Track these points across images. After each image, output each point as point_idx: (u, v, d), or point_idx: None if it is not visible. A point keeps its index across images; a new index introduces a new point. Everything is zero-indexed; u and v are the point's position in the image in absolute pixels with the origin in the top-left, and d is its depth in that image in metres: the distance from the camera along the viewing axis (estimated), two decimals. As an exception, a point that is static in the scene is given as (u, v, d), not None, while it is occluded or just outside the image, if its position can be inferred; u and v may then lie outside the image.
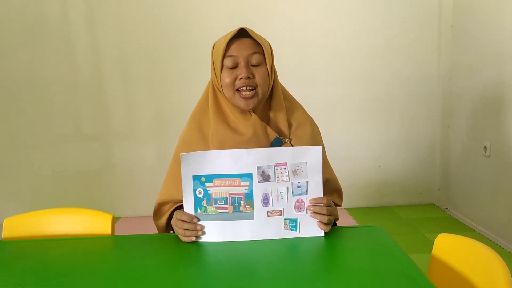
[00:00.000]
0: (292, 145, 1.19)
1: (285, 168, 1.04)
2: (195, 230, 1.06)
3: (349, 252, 1.02)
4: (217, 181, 1.04)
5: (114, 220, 1.26)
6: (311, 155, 1.04)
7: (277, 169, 1.04)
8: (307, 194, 1.05)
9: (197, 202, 1.06)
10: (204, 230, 1.07)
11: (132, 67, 3.29)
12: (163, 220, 1.22)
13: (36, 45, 3.24)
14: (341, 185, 1.32)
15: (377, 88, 3.36)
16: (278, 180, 1.04)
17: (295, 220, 1.06)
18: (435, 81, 3.34)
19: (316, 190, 1.05)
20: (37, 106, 3.31)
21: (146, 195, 3.31)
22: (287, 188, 1.05)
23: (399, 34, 3.30)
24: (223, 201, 1.05)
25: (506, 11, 2.51)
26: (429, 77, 3.34)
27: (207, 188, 1.05)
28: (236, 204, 1.05)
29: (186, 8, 3.23)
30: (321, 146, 1.05)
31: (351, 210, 3.37)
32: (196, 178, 1.05)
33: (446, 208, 3.36)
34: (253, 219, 1.06)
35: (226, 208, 1.05)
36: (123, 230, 3.05)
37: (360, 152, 3.42)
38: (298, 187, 1.05)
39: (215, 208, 1.06)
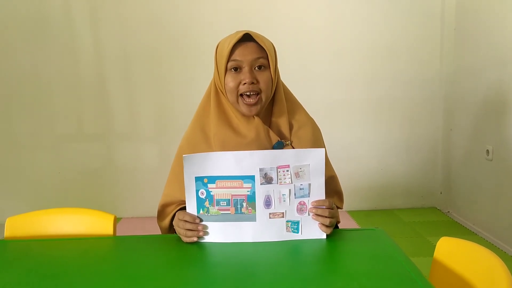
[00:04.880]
0: (293, 147, 1.19)
1: (287, 171, 1.04)
2: (197, 230, 1.06)
3: (351, 254, 1.01)
4: (220, 183, 1.04)
5: (116, 220, 1.26)
6: (313, 158, 1.04)
7: (279, 171, 1.04)
8: (309, 197, 1.05)
9: (200, 203, 1.06)
10: (206, 230, 1.07)
11: (134, 67, 3.30)
12: (166, 221, 1.22)
13: (38, 45, 3.25)
14: (342, 187, 1.32)
15: (379, 90, 3.35)
16: (281, 182, 1.04)
17: (297, 222, 1.06)
18: (437, 83, 3.34)
19: (318, 193, 1.05)
20: (39, 106, 3.31)
21: (148, 196, 3.31)
22: (290, 190, 1.05)
23: (402, 36, 3.30)
24: (225, 202, 1.05)
25: (509, 14, 2.50)
26: (431, 80, 3.34)
27: (210, 189, 1.05)
28: (238, 206, 1.05)
29: (188, 8, 3.24)
30: (323, 149, 1.05)
31: (353, 213, 3.36)
32: (198, 179, 1.05)
33: (448, 211, 3.35)
34: (255, 221, 1.06)
35: (228, 210, 1.05)
36: (124, 230, 3.05)
37: (362, 154, 3.42)
38: (300, 189, 1.05)
39: (218, 209, 1.06)
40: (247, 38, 1.15)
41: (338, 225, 1.24)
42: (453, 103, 3.23)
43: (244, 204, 1.05)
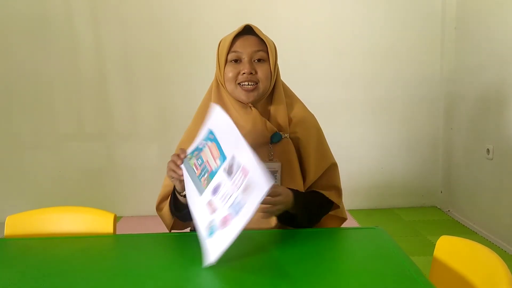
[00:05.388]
0: (292, 140, 1.20)
1: (243, 177, 0.92)
2: (176, 172, 1.07)
3: (350, 253, 1.01)
4: (211, 145, 1.03)
5: (116, 219, 1.26)
6: (257, 186, 0.88)
7: (238, 173, 0.94)
8: (235, 216, 0.90)
9: (196, 149, 1.07)
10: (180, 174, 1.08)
11: (135, 66, 3.30)
12: (166, 208, 1.23)
13: (39, 44, 3.25)
14: (342, 186, 1.32)
15: (380, 90, 3.35)
16: (233, 183, 0.93)
17: (214, 229, 0.94)
18: (438, 82, 3.33)
19: (243, 218, 0.89)
20: (40, 105, 3.32)
21: (148, 195, 3.29)
22: (231, 196, 0.93)
23: (402, 36, 3.29)
24: (200, 162, 1.04)
25: (509, 13, 2.50)
26: (432, 79, 3.34)
27: (204, 145, 1.05)
28: (202, 173, 1.03)
29: (189, 8, 3.24)
30: (266, 190, 0.87)
31: (353, 212, 3.36)
32: (211, 132, 1.04)
33: (449, 210, 3.35)
34: (200, 195, 1.01)
35: (197, 169, 1.04)
36: (125, 229, 3.05)
37: (362, 154, 3.42)
38: (237, 203, 0.91)
39: (194, 163, 1.06)
40: (248, 32, 1.18)
41: (343, 224, 1.26)
42: (454, 102, 3.23)
43: (206, 175, 1.02)
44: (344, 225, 1.33)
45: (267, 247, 1.02)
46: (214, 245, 0.92)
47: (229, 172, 0.96)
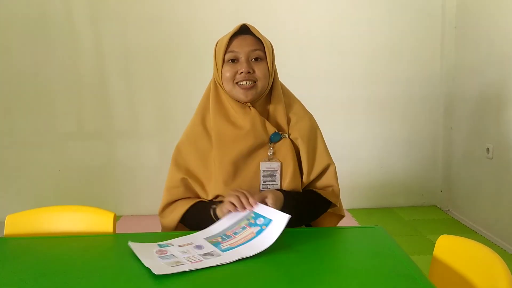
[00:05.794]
0: (291, 140, 1.20)
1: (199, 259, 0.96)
2: (238, 209, 1.07)
3: (350, 252, 1.02)
4: (250, 233, 1.03)
5: (116, 218, 1.26)
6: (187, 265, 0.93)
7: (205, 253, 0.99)
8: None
9: (256, 217, 1.06)
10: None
11: (135, 65, 3.30)
12: (172, 218, 1.22)
13: (39, 44, 3.25)
14: (342, 185, 1.32)
15: (380, 89, 3.35)
16: (196, 253, 0.99)
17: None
18: (438, 82, 3.33)
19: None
20: (40, 104, 3.31)
21: (147, 194, 3.31)
22: (189, 254, 0.98)
23: (402, 35, 3.29)
24: (239, 230, 1.05)
25: (509, 12, 2.50)
26: (432, 78, 3.34)
27: (255, 226, 1.05)
28: (228, 235, 1.05)
29: (188, 7, 3.24)
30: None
31: (353, 211, 3.36)
32: (268, 224, 1.03)
33: (448, 210, 3.35)
34: (199, 235, 1.08)
35: (232, 230, 1.06)
36: (124, 228, 3.05)
37: (362, 153, 3.42)
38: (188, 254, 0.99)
39: (241, 225, 1.06)
40: (245, 31, 1.18)
41: (341, 221, 1.27)
42: (454, 101, 3.23)
43: (222, 239, 1.04)
44: (343, 224, 1.33)
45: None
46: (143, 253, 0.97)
47: (208, 255, 0.98)
